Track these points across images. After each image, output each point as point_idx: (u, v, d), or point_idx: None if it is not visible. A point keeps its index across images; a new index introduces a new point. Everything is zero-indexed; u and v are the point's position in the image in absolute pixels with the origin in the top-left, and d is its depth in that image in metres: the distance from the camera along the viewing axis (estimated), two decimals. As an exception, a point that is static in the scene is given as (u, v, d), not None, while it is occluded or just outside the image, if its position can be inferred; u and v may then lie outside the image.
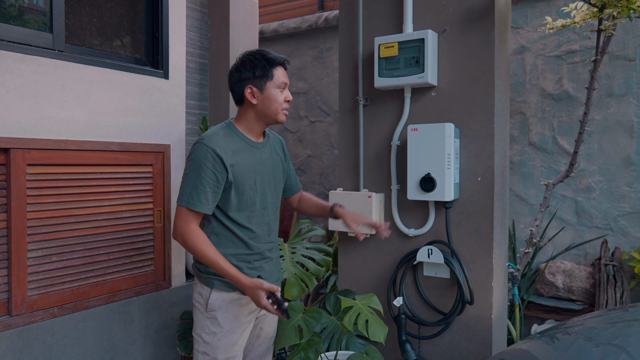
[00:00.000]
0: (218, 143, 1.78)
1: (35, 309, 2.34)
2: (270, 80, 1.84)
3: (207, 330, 1.86)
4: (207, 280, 1.87)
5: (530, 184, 3.47)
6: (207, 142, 1.77)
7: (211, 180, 1.76)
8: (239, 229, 1.85)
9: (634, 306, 1.70)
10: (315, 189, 4.57)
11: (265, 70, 1.84)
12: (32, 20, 2.46)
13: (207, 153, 1.75)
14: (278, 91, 1.85)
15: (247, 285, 1.73)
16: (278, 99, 1.85)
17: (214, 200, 1.79)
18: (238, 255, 1.87)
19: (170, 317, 2.94)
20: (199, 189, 1.75)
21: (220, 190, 1.79)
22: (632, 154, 3.14)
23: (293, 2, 5.02)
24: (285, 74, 1.89)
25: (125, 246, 2.71)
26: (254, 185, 1.85)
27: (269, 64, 1.85)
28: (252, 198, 1.85)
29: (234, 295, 1.87)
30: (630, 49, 3.14)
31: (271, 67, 1.85)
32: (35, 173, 2.33)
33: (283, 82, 1.86)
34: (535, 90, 3.45)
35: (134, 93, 2.75)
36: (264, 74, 1.84)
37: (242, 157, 1.83)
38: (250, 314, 1.93)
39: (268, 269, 1.97)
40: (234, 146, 1.82)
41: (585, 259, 3.29)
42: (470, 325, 2.27)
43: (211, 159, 1.75)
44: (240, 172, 1.81)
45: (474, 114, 2.24)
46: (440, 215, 2.32)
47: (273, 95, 1.85)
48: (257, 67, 1.84)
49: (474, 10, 2.23)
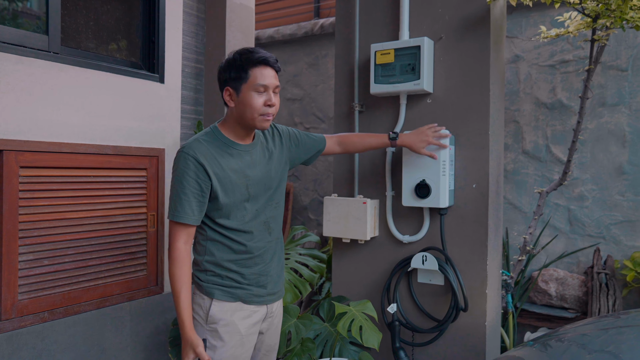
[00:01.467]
0: (200, 150, 1.68)
1: (25, 314, 2.31)
2: (245, 82, 1.68)
3: (208, 344, 1.74)
4: (207, 289, 1.76)
5: (524, 192, 3.49)
6: (188, 150, 1.68)
7: (195, 189, 1.67)
8: (235, 234, 1.76)
9: (625, 313, 1.71)
10: (309, 195, 4.57)
11: (240, 71, 1.69)
12: (28, 22, 2.45)
13: (188, 162, 1.66)
14: (254, 94, 1.68)
15: (186, 338, 1.68)
16: (253, 103, 1.68)
17: (200, 210, 1.70)
18: (237, 261, 1.77)
19: (163, 322, 2.92)
20: (183, 200, 1.66)
21: (206, 199, 1.70)
22: (624, 163, 3.17)
23: (289, 9, 5.04)
24: (268, 74, 1.69)
25: (117, 250, 2.69)
26: (245, 190, 1.75)
27: (245, 64, 1.69)
28: (243, 203, 1.75)
29: (236, 305, 1.76)
30: (623, 59, 3.18)
31: (248, 68, 1.68)
32: (28, 175, 2.31)
33: (261, 84, 1.68)
34: (529, 99, 3.48)
35: (129, 96, 2.75)
36: (238, 76, 1.69)
37: (227, 163, 1.72)
38: (254, 325, 1.82)
39: (272, 271, 1.86)
40: (218, 152, 1.71)
41: (578, 267, 3.31)
42: (464, 333, 2.27)
43: (193, 167, 1.66)
44: (228, 179, 1.71)
45: (469, 122, 2.25)
46: (434, 221, 2.32)
47: (247, 98, 1.69)
48: (232, 68, 1.71)
49: (470, 19, 2.25)
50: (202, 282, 1.79)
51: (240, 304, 1.78)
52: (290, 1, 5.06)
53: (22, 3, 2.48)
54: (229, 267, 1.77)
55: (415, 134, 2.14)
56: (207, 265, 1.78)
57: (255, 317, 1.82)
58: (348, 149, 2.17)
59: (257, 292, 1.80)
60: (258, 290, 1.81)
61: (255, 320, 1.82)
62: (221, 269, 1.77)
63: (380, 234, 2.47)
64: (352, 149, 2.17)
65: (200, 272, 1.80)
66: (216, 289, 1.76)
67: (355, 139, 2.16)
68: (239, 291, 1.77)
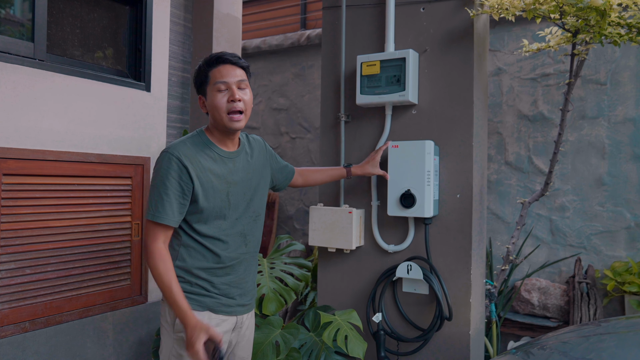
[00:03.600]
0: (184, 152, 1.66)
1: (5, 323, 2.27)
2: (208, 84, 1.69)
3: (175, 352, 1.71)
4: None
5: (507, 202, 3.54)
6: (173, 151, 1.66)
7: (177, 190, 1.64)
8: (210, 241, 1.73)
9: (606, 321, 1.74)
10: (294, 204, 4.57)
11: (202, 74, 1.70)
12: (14, 30, 2.43)
13: (172, 162, 1.64)
14: (217, 94, 1.67)
15: (192, 324, 1.60)
16: (216, 102, 1.67)
17: (180, 212, 1.67)
18: (208, 269, 1.74)
19: (146, 333, 2.89)
20: (164, 200, 1.63)
21: (187, 202, 1.67)
22: (604, 174, 3.24)
23: (276, 20, 5.07)
24: (227, 72, 1.68)
25: (101, 259, 2.66)
26: (226, 197, 1.73)
27: (205, 67, 1.70)
28: (223, 210, 1.72)
29: (204, 314, 1.72)
30: (602, 73, 3.26)
31: (208, 70, 1.69)
32: (10, 183, 2.29)
33: (220, 82, 1.66)
34: (512, 111, 3.54)
35: (115, 105, 2.73)
36: (203, 80, 1.70)
37: (210, 167, 1.70)
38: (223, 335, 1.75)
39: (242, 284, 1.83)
40: (202, 156, 1.70)
41: (560, 277, 3.36)
42: (448, 342, 2.28)
43: (176, 168, 1.64)
44: (209, 184, 1.69)
45: (453, 132, 2.29)
46: (419, 231, 2.35)
47: (212, 100, 1.68)
48: (197, 75, 1.72)
49: (454, 32, 2.29)
50: None
51: (209, 313, 1.74)
52: (277, 12, 5.10)
53: (7, 10, 2.46)
54: (198, 275, 1.73)
55: (366, 160, 2.31)
56: (177, 270, 1.71)
57: (224, 327, 1.78)
58: (308, 181, 2.24)
59: (225, 302, 1.77)
60: (227, 300, 1.78)
61: (224, 330, 1.77)
62: (191, 276, 1.73)
63: (366, 244, 2.48)
64: (312, 181, 2.25)
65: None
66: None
67: (315, 172, 2.26)
68: (208, 299, 1.74)
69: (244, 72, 1.74)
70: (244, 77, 1.73)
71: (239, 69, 1.71)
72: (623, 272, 3.04)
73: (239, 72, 1.71)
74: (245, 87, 1.73)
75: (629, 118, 3.19)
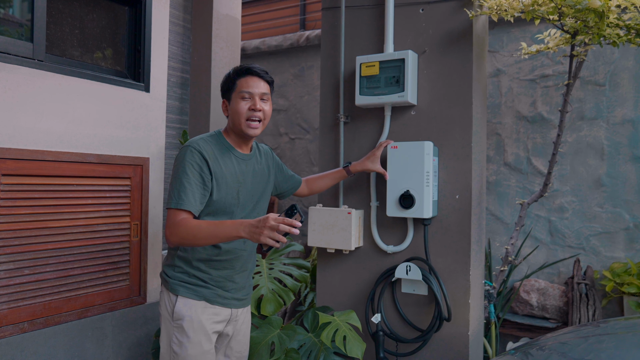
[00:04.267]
0: (205, 147, 1.79)
1: (4, 324, 2.27)
2: (234, 91, 1.84)
3: (175, 340, 1.82)
4: (173, 287, 1.83)
5: (506, 203, 3.54)
6: (195, 145, 1.78)
7: (198, 180, 1.74)
8: None
9: (605, 322, 1.75)
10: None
11: (230, 82, 1.86)
12: (13, 30, 2.43)
13: (194, 155, 1.76)
14: (240, 101, 1.82)
15: (248, 223, 1.57)
16: (239, 109, 1.82)
17: (202, 201, 1.75)
18: (208, 261, 1.84)
19: (145, 333, 2.88)
20: (187, 188, 1.72)
21: (208, 193, 1.77)
22: (602, 175, 3.24)
23: (275, 21, 5.08)
24: (253, 83, 1.83)
25: (100, 260, 2.66)
26: (236, 195, 1.84)
27: (234, 74, 1.85)
28: (232, 207, 1.84)
29: (201, 303, 1.83)
30: (601, 74, 3.27)
31: (236, 78, 1.85)
32: (9, 183, 2.28)
33: (246, 91, 1.82)
34: (511, 112, 3.55)
35: (114, 105, 2.73)
36: (230, 87, 1.85)
37: (226, 165, 1.82)
38: (219, 323, 1.88)
39: (238, 280, 1.93)
40: (219, 153, 1.82)
41: (559, 278, 3.36)
42: (447, 342, 2.28)
43: (198, 160, 1.75)
44: (223, 180, 1.80)
45: (452, 133, 2.29)
46: (418, 232, 2.35)
47: (235, 105, 1.84)
48: (225, 81, 1.87)
49: (453, 33, 2.29)
50: (169, 279, 1.85)
51: (205, 302, 1.84)
52: (277, 13, 5.10)
53: (6, 10, 2.46)
54: (197, 267, 1.84)
55: (366, 156, 2.32)
56: (177, 260, 1.85)
57: (220, 316, 1.88)
58: (314, 190, 2.33)
59: (221, 294, 1.87)
60: (222, 292, 1.88)
61: (220, 319, 1.88)
62: (190, 267, 1.84)
63: (365, 244, 2.49)
64: (317, 188, 2.33)
65: (168, 267, 1.87)
66: (181, 287, 1.83)
67: (317, 180, 2.33)
68: (204, 290, 1.84)
69: (268, 87, 1.89)
70: (268, 90, 1.88)
71: (264, 82, 1.86)
72: (622, 273, 3.04)
73: (264, 85, 1.86)
74: (267, 99, 1.88)
75: (627, 119, 3.19)
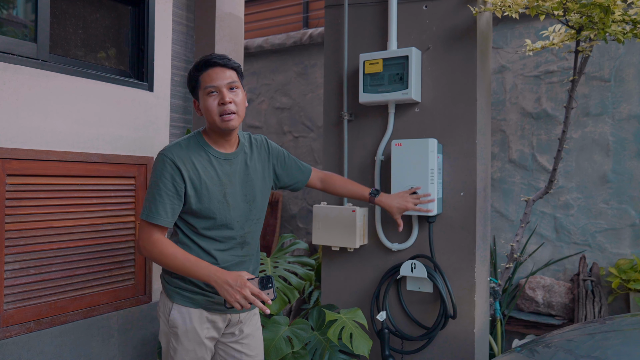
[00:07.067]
0: (178, 154, 1.69)
1: (10, 324, 2.28)
2: (199, 88, 1.72)
3: (171, 344, 1.78)
4: (170, 292, 1.78)
5: (511, 200, 3.53)
6: (167, 152, 1.69)
7: (170, 192, 1.66)
8: (205, 241, 1.75)
9: (611, 319, 1.74)
10: (298, 203, 4.57)
11: (193, 79, 1.73)
12: (16, 30, 2.44)
13: (165, 164, 1.67)
14: (208, 98, 1.69)
15: (224, 276, 1.58)
16: (208, 106, 1.69)
17: (174, 212, 1.69)
18: None
19: (151, 332, 2.89)
20: (157, 201, 1.66)
21: (181, 203, 1.69)
22: (608, 171, 3.22)
23: (278, 19, 5.07)
24: (215, 75, 1.69)
25: (105, 259, 2.67)
26: (222, 198, 1.73)
27: (195, 70, 1.72)
28: (220, 212, 1.73)
29: (196, 311, 1.76)
30: (606, 70, 3.25)
31: (198, 75, 1.71)
32: (14, 184, 2.29)
33: (210, 85, 1.68)
34: (515, 109, 3.53)
35: (118, 105, 2.74)
36: (194, 85, 1.73)
37: (205, 170, 1.71)
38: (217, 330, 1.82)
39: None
40: (195, 158, 1.71)
41: (564, 275, 3.35)
42: (453, 340, 2.28)
43: (170, 169, 1.66)
44: (203, 186, 1.70)
45: (457, 131, 2.28)
46: (423, 229, 2.34)
47: (204, 104, 1.71)
48: (189, 79, 1.75)
49: (457, 30, 2.28)
50: (166, 284, 1.80)
51: (201, 310, 1.77)
52: (280, 11, 5.10)
53: (9, 11, 2.47)
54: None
55: (396, 198, 2.14)
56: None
57: (217, 323, 1.81)
58: (328, 189, 2.16)
59: (218, 300, 1.77)
60: (219, 298, 1.76)
61: (217, 326, 1.81)
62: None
63: (370, 242, 2.48)
64: (332, 190, 2.16)
65: (167, 272, 1.80)
66: (177, 294, 1.76)
67: (338, 182, 2.16)
68: (200, 297, 1.76)
69: (235, 73, 1.73)
70: (235, 78, 1.72)
71: (228, 70, 1.71)
72: (628, 270, 3.02)
73: (229, 73, 1.71)
74: (237, 87, 1.73)
75: (633, 115, 3.18)
